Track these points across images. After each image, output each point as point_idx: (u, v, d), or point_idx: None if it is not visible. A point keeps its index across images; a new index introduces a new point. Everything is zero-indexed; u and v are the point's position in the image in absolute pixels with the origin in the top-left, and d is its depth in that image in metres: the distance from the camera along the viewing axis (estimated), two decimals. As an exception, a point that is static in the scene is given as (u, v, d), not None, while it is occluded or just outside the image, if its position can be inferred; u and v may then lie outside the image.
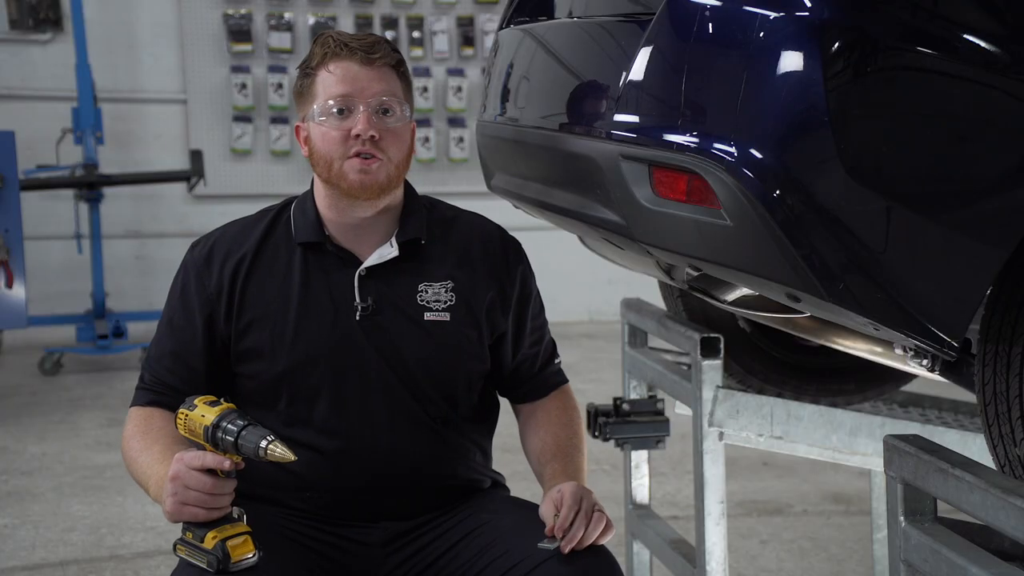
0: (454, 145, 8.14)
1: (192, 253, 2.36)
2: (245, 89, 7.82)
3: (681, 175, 2.00)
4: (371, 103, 2.23)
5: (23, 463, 5.20)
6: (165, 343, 2.33)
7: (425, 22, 8.08)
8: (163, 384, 2.31)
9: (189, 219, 7.90)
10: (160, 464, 2.15)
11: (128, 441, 2.28)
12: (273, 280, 2.30)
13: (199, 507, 2.05)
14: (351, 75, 2.23)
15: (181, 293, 2.33)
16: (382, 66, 2.26)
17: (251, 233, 2.34)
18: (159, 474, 2.13)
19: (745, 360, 3.17)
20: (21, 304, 5.93)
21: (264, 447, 1.98)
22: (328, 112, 2.23)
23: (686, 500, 4.59)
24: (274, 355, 2.28)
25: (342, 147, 2.23)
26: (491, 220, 2.47)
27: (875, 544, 3.52)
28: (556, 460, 2.36)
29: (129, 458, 2.27)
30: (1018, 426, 1.92)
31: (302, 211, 2.34)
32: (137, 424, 2.29)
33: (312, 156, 2.29)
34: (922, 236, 1.86)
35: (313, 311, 2.28)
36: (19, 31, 7.61)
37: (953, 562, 1.74)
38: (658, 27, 2.09)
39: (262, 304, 2.29)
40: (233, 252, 2.32)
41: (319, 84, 2.25)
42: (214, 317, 2.30)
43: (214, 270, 2.31)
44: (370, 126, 2.22)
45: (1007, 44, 1.86)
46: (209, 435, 2.03)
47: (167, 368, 2.31)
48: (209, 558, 2.06)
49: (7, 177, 5.86)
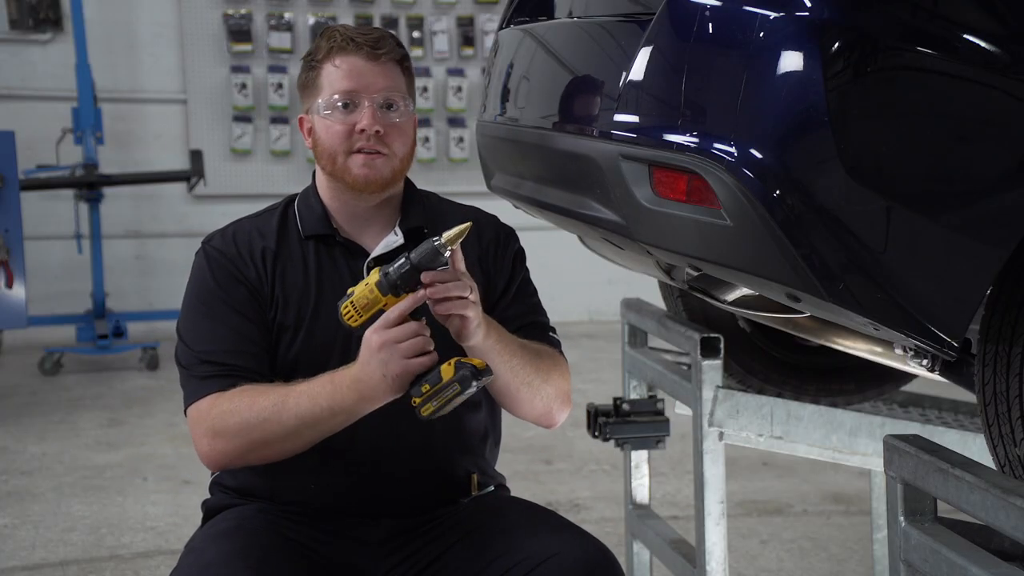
0: (454, 145, 8.14)
1: (214, 247, 2.34)
2: (245, 89, 7.82)
3: (681, 175, 2.00)
4: (376, 99, 2.25)
5: (23, 463, 5.20)
6: (218, 333, 2.27)
7: (425, 22, 8.08)
8: (231, 367, 2.25)
9: (189, 219, 7.90)
10: (323, 382, 2.14)
11: (250, 408, 2.18)
12: (294, 271, 2.32)
13: (423, 351, 2.08)
14: (356, 70, 2.25)
15: (218, 285, 2.31)
16: (387, 61, 2.27)
17: (266, 228, 2.36)
18: (337, 380, 2.13)
19: (745, 360, 3.17)
20: (21, 304, 5.93)
21: (442, 242, 2.05)
22: (333, 106, 2.25)
23: (686, 500, 4.58)
24: (293, 341, 2.29)
25: (347, 142, 2.26)
26: (488, 212, 2.49)
27: (875, 544, 3.52)
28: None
29: (271, 412, 2.16)
30: (1018, 426, 1.92)
31: (307, 205, 2.36)
32: (244, 395, 2.20)
33: (316, 148, 2.31)
34: (922, 236, 1.86)
35: (328, 301, 2.28)
36: (19, 31, 7.61)
37: (953, 562, 1.74)
38: (658, 27, 2.09)
39: (289, 294, 2.31)
40: (255, 245, 2.33)
41: (324, 78, 2.27)
42: (260, 302, 2.30)
43: (247, 260, 2.31)
44: (375, 121, 2.24)
45: (1007, 44, 1.86)
46: (387, 285, 2.06)
47: (229, 352, 2.26)
48: (464, 379, 2.06)
49: (7, 177, 5.86)
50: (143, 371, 6.86)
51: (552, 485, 4.75)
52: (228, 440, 2.20)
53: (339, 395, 2.15)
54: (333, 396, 2.15)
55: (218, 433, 2.21)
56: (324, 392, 2.16)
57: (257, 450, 2.21)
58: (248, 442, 2.20)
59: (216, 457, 2.24)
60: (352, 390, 2.13)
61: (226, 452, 2.22)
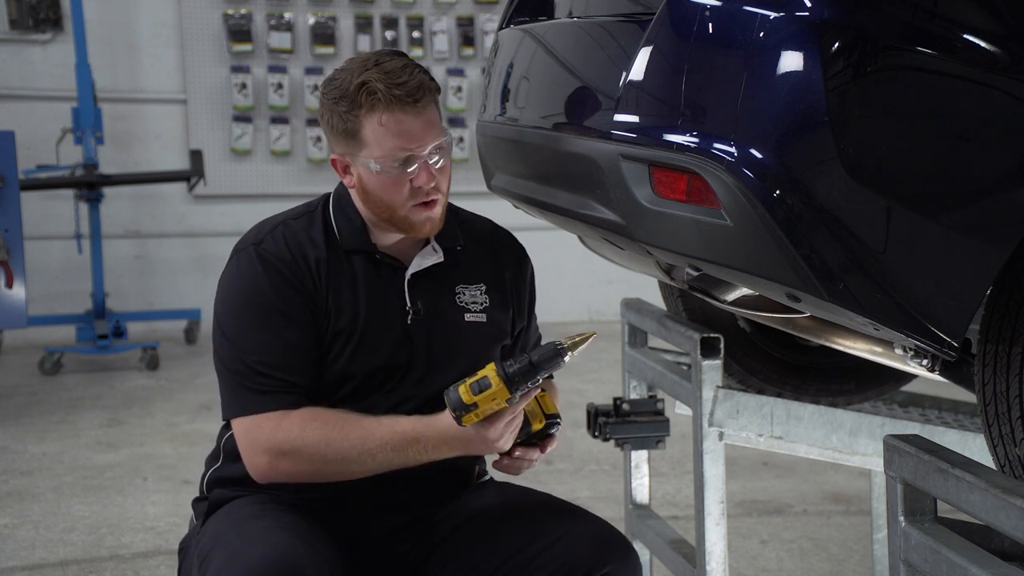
0: (454, 145, 8.14)
1: (267, 251, 2.30)
2: (245, 89, 7.81)
3: (681, 175, 2.00)
4: (429, 154, 2.25)
5: (23, 463, 5.20)
6: (275, 345, 2.25)
7: (425, 22, 8.08)
8: (291, 384, 2.25)
9: (189, 219, 7.91)
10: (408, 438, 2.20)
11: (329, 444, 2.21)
12: (342, 284, 2.32)
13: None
14: (406, 130, 2.22)
15: (275, 292, 2.27)
16: (427, 105, 2.25)
17: (314, 236, 2.33)
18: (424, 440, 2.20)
19: (745, 360, 3.17)
20: (21, 304, 5.92)
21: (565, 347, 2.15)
22: (388, 166, 2.24)
23: (686, 500, 4.59)
24: (341, 354, 2.30)
25: (405, 197, 2.26)
26: (499, 225, 2.56)
27: (875, 544, 3.52)
28: None
29: (353, 453, 2.20)
30: (1018, 426, 1.92)
31: (346, 218, 2.35)
32: (318, 423, 2.22)
33: (366, 197, 2.30)
34: (922, 236, 1.86)
35: (376, 316, 2.31)
36: (19, 31, 7.61)
37: (953, 562, 1.74)
38: (658, 27, 2.09)
39: (342, 307, 2.30)
40: (309, 254, 2.31)
41: (369, 133, 2.23)
42: (315, 313, 2.29)
43: (303, 269, 2.29)
44: (431, 177, 2.26)
45: (1007, 44, 1.86)
46: (505, 378, 2.14)
47: (287, 367, 2.25)
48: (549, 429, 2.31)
49: (7, 177, 5.85)
50: (143, 371, 6.86)
51: (552, 485, 4.75)
52: (297, 464, 2.22)
53: (429, 455, 2.21)
54: (422, 455, 2.21)
55: (286, 455, 2.22)
56: (413, 451, 2.21)
57: (323, 477, 2.25)
58: (318, 471, 2.23)
59: (275, 476, 2.25)
60: (446, 450, 2.21)
61: (289, 473, 2.24)
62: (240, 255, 2.32)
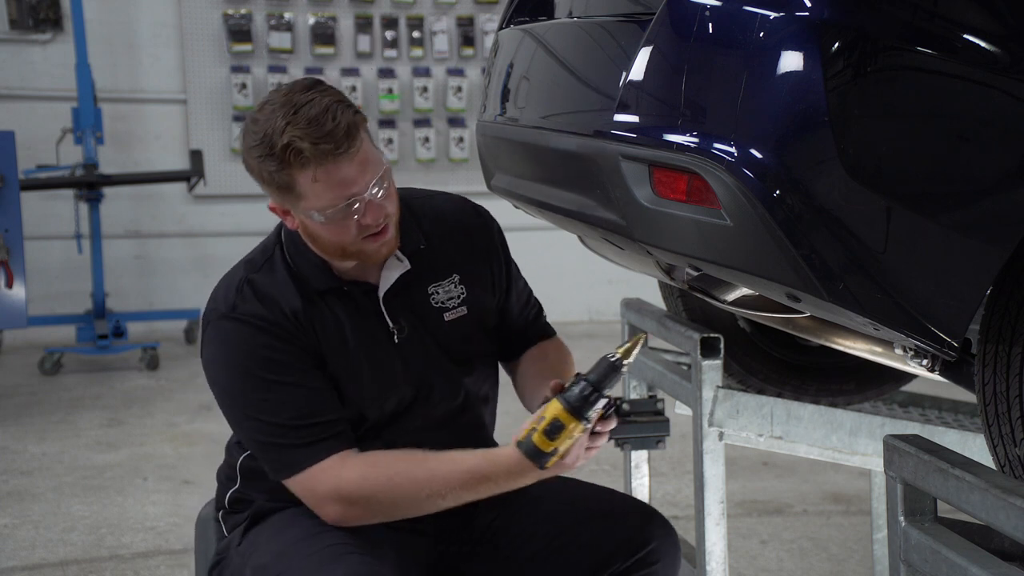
0: (454, 145, 8.13)
1: (246, 315, 2.21)
2: (245, 89, 7.81)
3: (681, 175, 2.00)
4: (370, 192, 2.16)
5: (23, 463, 5.20)
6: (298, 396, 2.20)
7: (425, 22, 8.08)
8: (332, 423, 2.21)
9: (189, 219, 7.90)
10: (477, 475, 2.17)
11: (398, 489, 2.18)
12: (324, 324, 2.26)
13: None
14: (341, 178, 2.11)
15: (271, 349, 2.20)
16: (356, 145, 2.12)
17: (281, 286, 2.25)
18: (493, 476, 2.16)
19: (745, 360, 3.17)
20: (21, 304, 5.92)
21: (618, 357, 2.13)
22: (331, 215, 2.15)
23: (686, 500, 4.58)
24: (345, 391, 2.26)
25: (354, 236, 2.18)
26: (455, 194, 2.48)
27: (875, 544, 3.52)
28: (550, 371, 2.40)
29: (425, 498, 2.18)
30: (1018, 426, 1.92)
31: (305, 260, 2.27)
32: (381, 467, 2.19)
33: (314, 241, 2.23)
34: (922, 236, 1.86)
35: (367, 349, 2.27)
36: (19, 31, 7.61)
37: (953, 562, 1.74)
38: (658, 27, 2.09)
39: (332, 348, 2.26)
40: (284, 305, 2.23)
41: (306, 187, 2.12)
42: (314, 358, 2.23)
43: (285, 321, 2.22)
44: (378, 212, 2.17)
45: (1007, 44, 1.86)
46: (569, 409, 2.12)
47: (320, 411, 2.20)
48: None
49: (7, 177, 5.85)
50: (143, 371, 6.85)
51: (552, 485, 4.75)
52: (367, 509, 2.19)
53: (501, 488, 2.19)
54: (494, 490, 2.19)
55: (355, 503, 2.18)
56: (484, 488, 2.18)
57: (396, 518, 2.23)
58: (391, 514, 2.22)
59: (349, 521, 2.21)
60: (522, 481, 2.18)
61: (363, 518, 2.21)
62: (218, 325, 2.24)
